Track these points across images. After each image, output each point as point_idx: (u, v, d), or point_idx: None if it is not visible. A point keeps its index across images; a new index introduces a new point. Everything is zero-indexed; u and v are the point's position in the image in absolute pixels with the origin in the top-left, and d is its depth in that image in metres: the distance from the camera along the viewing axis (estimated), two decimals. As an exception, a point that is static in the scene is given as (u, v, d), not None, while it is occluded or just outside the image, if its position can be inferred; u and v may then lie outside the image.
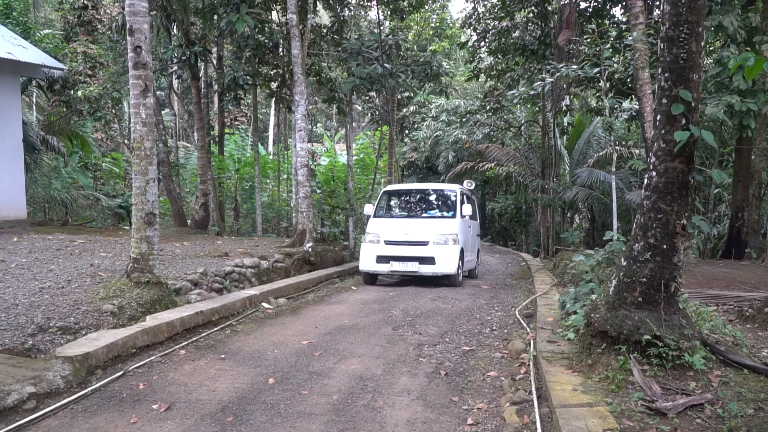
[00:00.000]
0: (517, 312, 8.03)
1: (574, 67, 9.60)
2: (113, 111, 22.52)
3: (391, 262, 10.65)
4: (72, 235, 12.28)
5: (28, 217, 13.71)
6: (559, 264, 11.92)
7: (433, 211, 11.93)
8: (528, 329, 6.87)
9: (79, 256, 9.31)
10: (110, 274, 7.75)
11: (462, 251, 10.89)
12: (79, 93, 18.20)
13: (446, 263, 10.42)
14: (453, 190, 12.07)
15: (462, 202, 11.63)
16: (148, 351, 5.86)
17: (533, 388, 4.73)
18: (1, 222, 12.38)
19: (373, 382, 5.01)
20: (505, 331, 7.07)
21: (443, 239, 10.53)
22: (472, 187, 13.34)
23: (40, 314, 5.98)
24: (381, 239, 10.88)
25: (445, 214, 11.57)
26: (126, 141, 24.33)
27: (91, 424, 4.12)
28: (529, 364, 5.42)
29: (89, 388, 4.78)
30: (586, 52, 9.94)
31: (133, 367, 5.35)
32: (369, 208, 11.82)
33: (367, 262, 10.94)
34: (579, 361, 4.94)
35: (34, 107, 23.28)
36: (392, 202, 12.72)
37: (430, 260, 10.44)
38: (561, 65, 10.11)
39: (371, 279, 11.27)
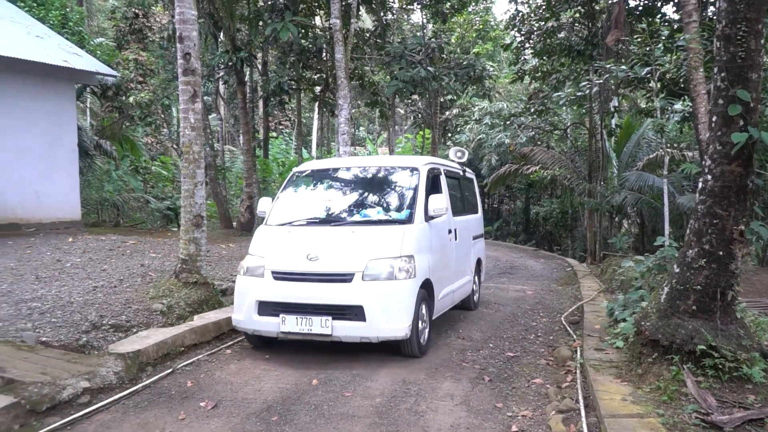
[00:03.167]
0: (563, 318, 7.87)
1: (624, 67, 9.36)
2: (162, 116, 23.17)
3: (281, 315, 5.61)
4: (123, 236, 12.66)
5: (82, 218, 14.21)
6: (606, 270, 11.61)
7: (371, 211, 6.38)
8: (574, 336, 6.72)
9: (130, 256, 9.59)
10: (160, 275, 7.95)
11: (429, 287, 6.10)
12: (131, 99, 18.79)
13: (386, 317, 5.45)
14: (413, 168, 6.67)
15: (429, 190, 6.52)
16: (196, 350, 5.99)
17: (580, 397, 4.62)
18: (57, 223, 12.87)
19: (416, 386, 4.99)
20: (551, 337, 6.94)
21: (384, 269, 5.59)
22: (464, 159, 8.39)
23: (94, 312, 6.18)
24: (266, 268, 5.87)
25: (392, 215, 6.25)
26: (174, 145, 24.98)
27: (142, 420, 4.23)
28: (575, 372, 5.31)
29: (140, 385, 4.92)
30: (635, 52, 9.67)
31: (181, 365, 5.48)
32: (265, 204, 6.78)
33: (242, 311, 5.91)
34: (628, 371, 4.81)
35: (88, 113, 24.12)
36: (307, 194, 7.10)
37: (354, 312, 5.49)
38: (609, 65, 9.88)
39: (258, 341, 6.17)
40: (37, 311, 6.18)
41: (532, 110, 16.40)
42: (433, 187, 6.78)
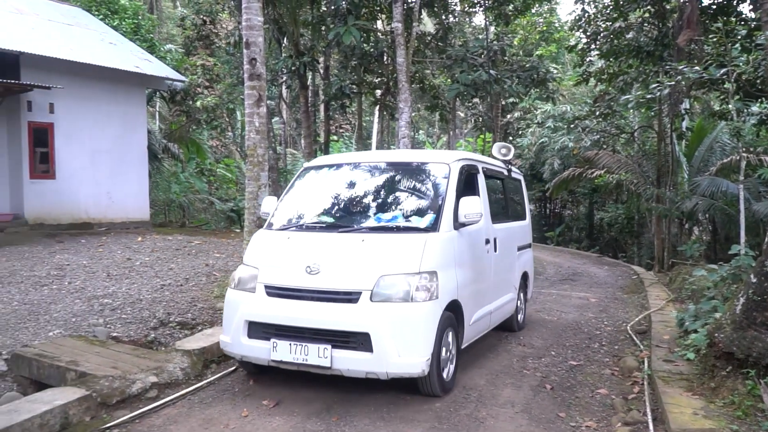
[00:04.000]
0: (629, 327, 7.60)
1: (697, 68, 8.97)
2: (227, 120, 23.90)
3: (272, 339, 4.64)
4: (189, 236, 13.10)
5: (151, 218, 14.80)
6: (675, 279, 11.14)
7: (387, 215, 5.26)
8: (641, 346, 6.48)
9: (195, 256, 9.91)
10: (224, 274, 8.18)
11: (456, 309, 5.03)
12: (198, 103, 19.48)
13: (399, 349, 4.38)
14: (441, 164, 5.54)
15: (461, 191, 5.40)
16: (258, 349, 6.11)
17: (648, 409, 4.46)
18: (127, 223, 13.47)
19: (476, 392, 4.92)
20: (616, 347, 6.71)
21: (398, 288, 4.54)
22: (509, 156, 7.24)
23: (162, 309, 6.42)
24: (259, 281, 4.95)
25: (413, 221, 5.12)
26: (238, 148, 25.69)
27: (207, 415, 4.35)
28: (642, 384, 5.12)
29: (204, 381, 5.07)
30: (709, 52, 9.25)
31: (243, 363, 5.60)
32: (269, 205, 5.76)
33: (230, 333, 4.93)
34: (700, 384, 4.61)
35: (157, 116, 25.13)
36: (316, 193, 5.93)
37: (359, 341, 4.45)
38: (681, 66, 9.50)
39: (253, 368, 5.24)
40: (108, 307, 6.48)
41: (598, 113, 15.93)
42: (466, 187, 5.66)
